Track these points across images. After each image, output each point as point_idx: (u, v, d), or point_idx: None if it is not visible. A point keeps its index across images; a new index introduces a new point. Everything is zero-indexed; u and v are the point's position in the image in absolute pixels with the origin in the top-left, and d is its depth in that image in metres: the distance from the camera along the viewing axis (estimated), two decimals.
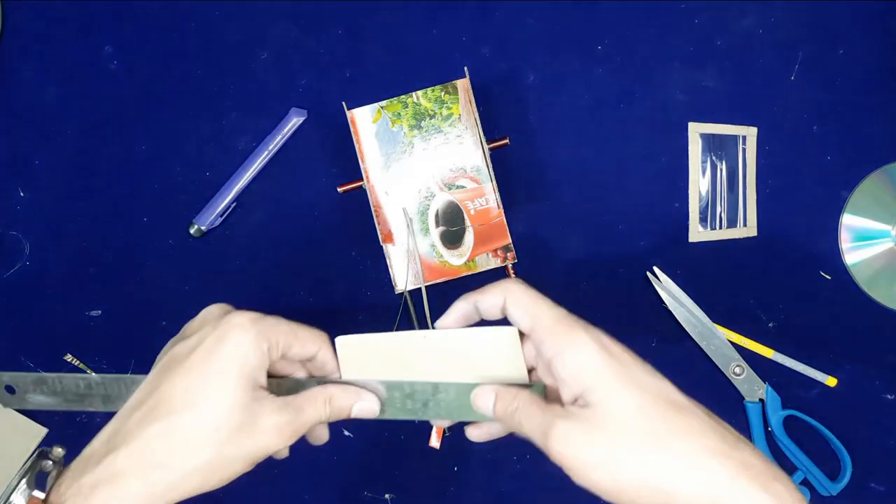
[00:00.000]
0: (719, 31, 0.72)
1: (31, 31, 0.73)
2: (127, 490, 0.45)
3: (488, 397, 0.50)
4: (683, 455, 0.44)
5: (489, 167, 0.68)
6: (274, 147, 0.71)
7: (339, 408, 0.51)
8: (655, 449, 0.44)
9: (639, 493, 0.44)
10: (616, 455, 0.44)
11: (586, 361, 0.45)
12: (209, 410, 0.46)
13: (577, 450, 0.45)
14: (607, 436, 0.44)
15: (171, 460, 0.46)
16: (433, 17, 0.72)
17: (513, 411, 0.49)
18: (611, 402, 0.45)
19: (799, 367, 0.70)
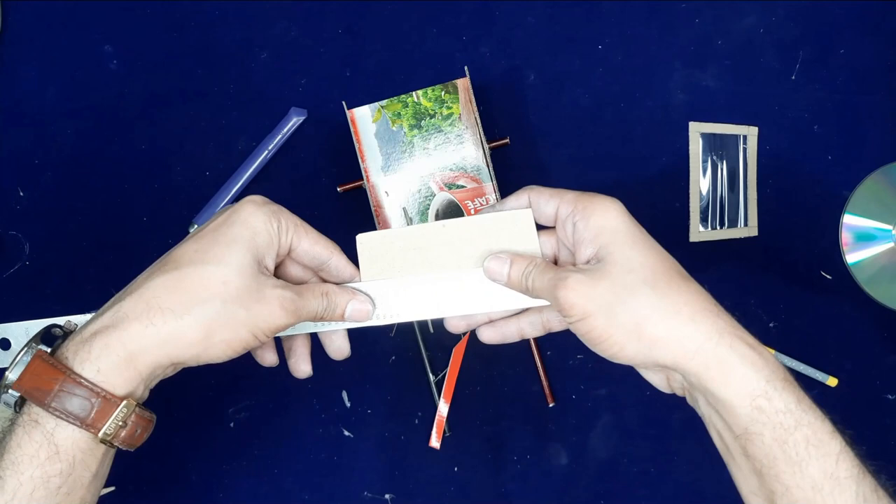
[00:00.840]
0: (720, 30, 0.72)
1: (31, 31, 0.73)
2: (128, 332, 0.44)
3: (503, 263, 0.52)
4: (677, 309, 0.46)
5: (489, 167, 0.68)
6: (274, 147, 0.71)
7: (334, 303, 0.52)
8: (653, 297, 0.46)
9: (628, 339, 0.46)
10: (616, 298, 0.46)
11: (608, 221, 0.49)
12: (217, 265, 0.47)
13: (581, 295, 0.46)
14: (611, 282, 0.47)
15: (175, 305, 0.45)
16: (433, 17, 0.72)
17: (528, 273, 0.50)
18: (622, 254, 0.48)
19: (800, 367, 0.70)
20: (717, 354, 0.45)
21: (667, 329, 0.45)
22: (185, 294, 0.46)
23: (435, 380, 0.71)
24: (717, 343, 0.45)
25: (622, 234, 0.48)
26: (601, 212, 0.49)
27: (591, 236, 0.49)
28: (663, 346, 0.45)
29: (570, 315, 0.47)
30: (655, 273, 0.47)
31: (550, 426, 0.71)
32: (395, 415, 0.72)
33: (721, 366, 0.45)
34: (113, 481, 0.71)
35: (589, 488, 0.71)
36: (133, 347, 0.44)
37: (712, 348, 0.45)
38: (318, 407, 0.72)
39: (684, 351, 0.45)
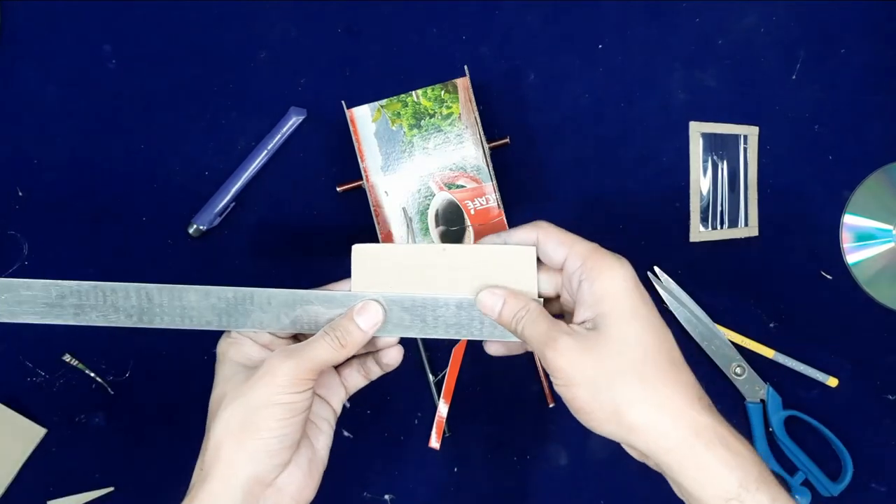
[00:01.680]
0: (720, 30, 0.72)
1: (31, 31, 0.73)
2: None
3: (497, 299, 0.51)
4: (660, 402, 0.45)
5: (489, 167, 0.68)
6: (273, 146, 0.71)
7: (344, 330, 0.51)
8: (638, 387, 0.46)
9: (608, 420, 0.46)
10: (602, 376, 0.46)
11: (613, 287, 0.48)
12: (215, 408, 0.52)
13: (570, 363, 0.47)
14: (601, 357, 0.46)
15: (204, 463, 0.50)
16: (433, 17, 0.72)
17: (520, 318, 0.50)
18: (619, 329, 0.47)
19: (800, 367, 0.70)
20: (693, 453, 0.45)
21: (646, 420, 0.46)
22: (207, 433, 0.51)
23: (435, 380, 0.71)
24: (694, 443, 0.45)
25: (624, 306, 0.48)
26: (608, 276, 0.48)
27: (593, 301, 0.48)
28: (641, 435, 0.46)
29: (554, 377, 0.48)
30: (646, 358, 0.47)
31: (550, 426, 0.71)
32: (395, 415, 0.71)
33: (696, 465, 0.45)
34: (113, 481, 0.71)
35: (589, 488, 0.71)
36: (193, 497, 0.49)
37: (689, 447, 0.45)
38: None
39: (660, 444, 0.45)
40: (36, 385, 0.71)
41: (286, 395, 0.48)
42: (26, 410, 0.70)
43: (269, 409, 0.48)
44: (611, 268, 0.49)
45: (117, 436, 0.71)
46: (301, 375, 0.49)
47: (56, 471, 0.71)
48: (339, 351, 0.51)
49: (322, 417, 0.54)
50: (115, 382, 0.71)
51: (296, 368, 0.48)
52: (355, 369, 0.56)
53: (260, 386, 0.48)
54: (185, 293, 0.52)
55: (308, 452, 0.52)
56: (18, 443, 0.70)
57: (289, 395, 0.48)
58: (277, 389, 0.48)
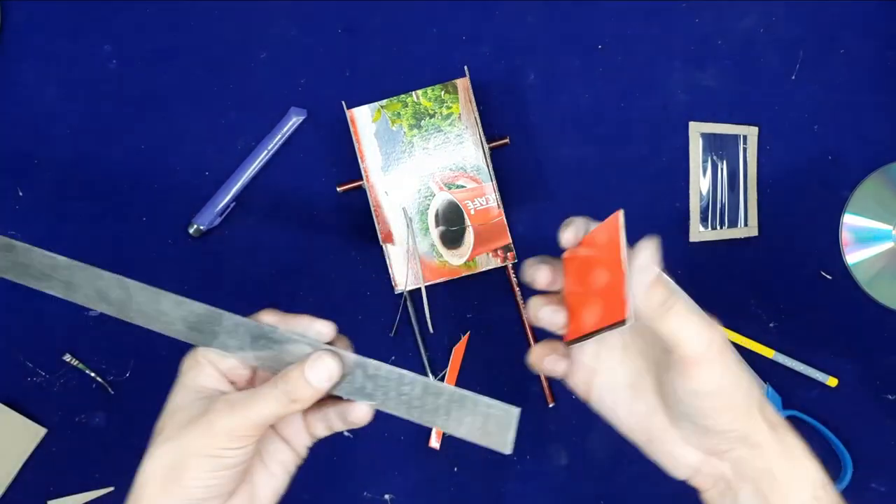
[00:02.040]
0: (720, 30, 0.72)
1: (31, 31, 0.73)
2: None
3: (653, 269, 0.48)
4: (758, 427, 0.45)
5: (489, 167, 0.68)
6: (273, 146, 0.71)
7: (294, 384, 0.46)
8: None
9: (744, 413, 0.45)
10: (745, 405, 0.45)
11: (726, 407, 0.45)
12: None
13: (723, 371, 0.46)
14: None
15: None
16: (433, 17, 0.72)
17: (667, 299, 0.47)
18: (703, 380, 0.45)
19: (800, 367, 0.70)
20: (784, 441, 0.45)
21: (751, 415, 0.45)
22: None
23: (435, 380, 0.71)
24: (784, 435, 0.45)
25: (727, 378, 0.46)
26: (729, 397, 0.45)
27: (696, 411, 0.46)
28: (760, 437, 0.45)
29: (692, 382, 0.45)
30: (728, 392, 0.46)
31: (550, 426, 0.71)
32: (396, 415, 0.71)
33: (788, 453, 0.45)
34: (113, 481, 0.71)
35: (589, 488, 0.71)
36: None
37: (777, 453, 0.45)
38: None
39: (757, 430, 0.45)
40: (36, 385, 0.71)
41: (220, 450, 0.45)
42: (27, 410, 0.70)
43: (198, 460, 0.45)
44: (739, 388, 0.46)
45: (117, 436, 0.71)
46: (241, 432, 0.45)
47: (56, 471, 0.71)
48: (287, 406, 0.45)
49: (278, 461, 0.50)
50: (115, 382, 0.71)
51: (236, 425, 0.44)
52: (319, 418, 0.50)
53: (196, 435, 0.45)
54: (161, 298, 0.51)
55: (247, 497, 0.48)
56: (19, 443, 0.70)
57: (223, 450, 0.45)
58: (212, 442, 0.44)
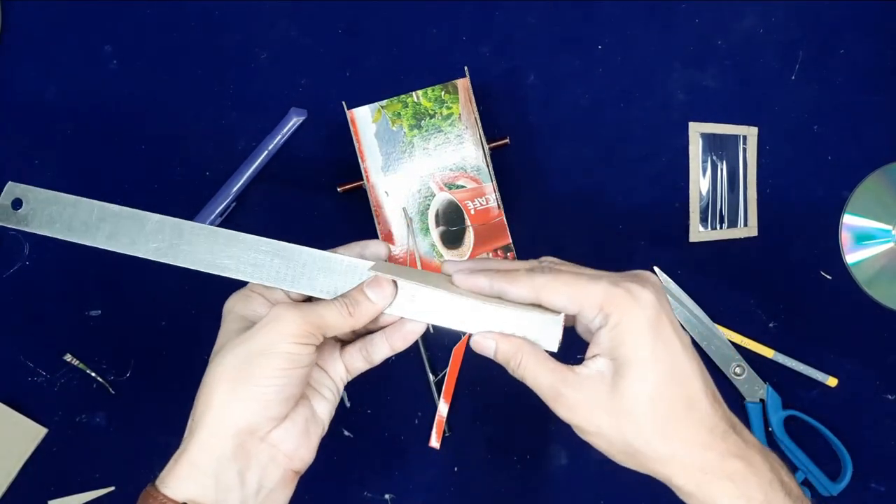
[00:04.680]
0: (719, 31, 0.72)
1: (32, 31, 0.73)
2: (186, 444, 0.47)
3: (488, 343, 0.49)
4: (674, 449, 0.46)
5: (489, 167, 0.68)
6: (274, 147, 0.71)
7: (354, 300, 0.49)
8: (657, 437, 0.46)
9: (627, 461, 0.48)
10: (616, 430, 0.46)
11: (631, 335, 0.46)
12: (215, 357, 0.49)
13: (582, 419, 0.47)
14: (615, 411, 0.46)
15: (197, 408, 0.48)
16: (433, 17, 0.72)
17: (516, 365, 0.49)
18: (633, 379, 0.46)
19: (799, 367, 0.70)
20: (701, 491, 0.46)
21: (662, 464, 0.47)
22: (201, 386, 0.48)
23: (435, 380, 0.71)
24: (700, 481, 0.46)
25: (642, 353, 0.46)
26: (628, 320, 0.46)
27: (610, 346, 0.46)
28: (660, 474, 0.47)
29: (574, 425, 0.48)
30: (661, 407, 0.46)
31: (550, 426, 0.71)
32: (395, 415, 0.71)
33: (707, 501, 0.46)
34: (113, 481, 0.71)
35: (589, 488, 0.71)
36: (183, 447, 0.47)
37: (696, 486, 0.46)
38: None
39: (675, 483, 0.47)
40: (37, 385, 0.71)
41: (289, 345, 0.46)
42: (27, 410, 0.71)
43: (269, 358, 0.46)
44: (630, 310, 0.46)
45: (118, 435, 0.71)
46: (307, 329, 0.47)
47: (57, 470, 0.71)
48: (346, 319, 0.48)
49: (324, 385, 0.52)
50: (115, 382, 0.71)
51: (303, 320, 0.47)
52: (358, 349, 0.52)
53: (263, 332, 0.47)
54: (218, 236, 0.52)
55: (306, 412, 0.50)
56: (19, 442, 0.70)
57: (292, 346, 0.46)
58: (281, 337, 0.46)
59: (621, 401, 0.46)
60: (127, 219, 0.52)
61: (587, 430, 0.47)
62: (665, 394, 0.46)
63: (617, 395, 0.46)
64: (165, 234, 0.51)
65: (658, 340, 0.46)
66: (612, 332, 0.46)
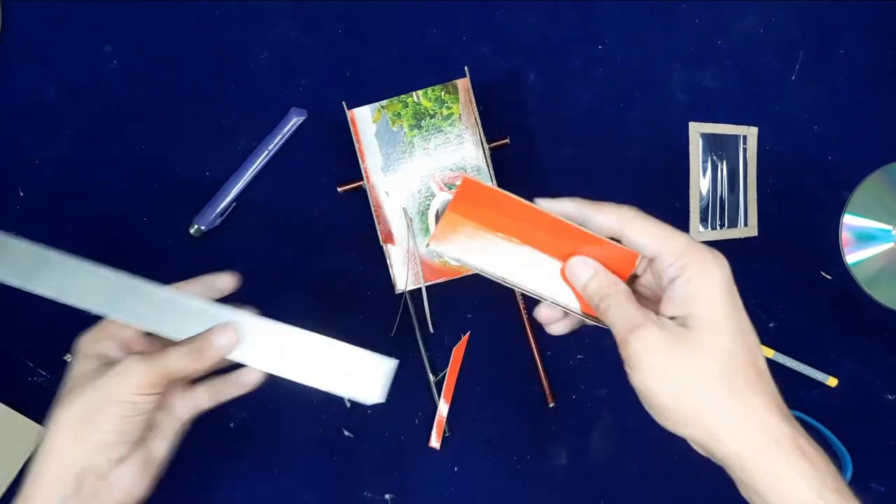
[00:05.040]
0: (719, 31, 0.72)
1: (32, 32, 0.73)
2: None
3: (588, 268, 0.48)
4: (746, 413, 0.44)
5: (489, 167, 0.68)
6: (274, 147, 0.71)
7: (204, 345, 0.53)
8: (725, 397, 0.44)
9: (688, 422, 0.45)
10: (689, 377, 0.44)
11: (708, 289, 0.45)
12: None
13: (656, 354, 0.44)
14: (691, 356, 0.44)
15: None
16: (433, 17, 0.72)
17: (606, 294, 0.47)
18: (710, 333, 0.45)
19: (799, 367, 0.70)
20: (773, 462, 0.44)
21: (730, 428, 0.44)
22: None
23: (435, 380, 0.71)
24: (776, 451, 0.44)
25: (718, 311, 0.45)
26: (706, 276, 0.46)
27: (686, 299, 0.45)
28: (723, 441, 0.44)
29: (633, 366, 0.45)
30: (736, 366, 0.45)
31: (550, 426, 0.71)
32: (395, 415, 0.72)
33: (775, 474, 0.44)
34: None
35: (589, 488, 0.71)
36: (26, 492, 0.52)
37: (769, 456, 0.44)
38: (318, 407, 0.72)
39: (739, 452, 0.44)
40: (37, 385, 0.71)
41: (133, 396, 0.50)
42: (27, 410, 0.71)
43: (113, 406, 0.50)
44: (709, 267, 0.46)
45: None
46: (152, 380, 0.50)
47: None
48: (194, 363, 0.52)
49: (167, 425, 0.55)
50: None
51: (149, 372, 0.50)
52: (204, 389, 0.56)
53: (110, 383, 0.50)
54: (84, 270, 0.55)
55: (144, 453, 0.53)
56: (19, 443, 0.70)
57: (135, 396, 0.50)
58: (126, 388, 0.50)
59: (698, 348, 0.44)
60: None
61: (655, 372, 0.44)
62: (738, 356, 0.45)
63: (694, 342, 0.44)
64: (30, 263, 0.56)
65: (733, 305, 0.46)
66: (689, 284, 0.45)
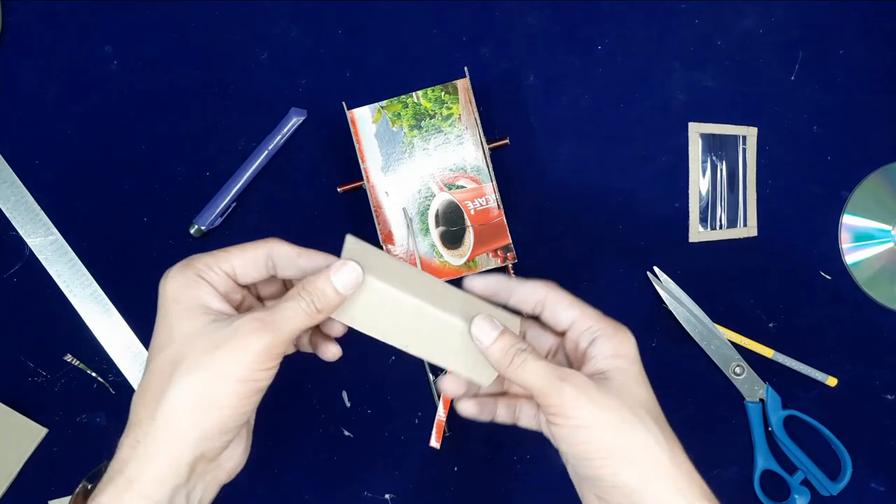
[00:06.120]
0: (719, 31, 0.72)
1: (32, 32, 0.73)
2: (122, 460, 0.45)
3: (492, 329, 0.47)
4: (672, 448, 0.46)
5: (489, 167, 0.68)
6: (274, 147, 0.71)
7: (320, 293, 0.45)
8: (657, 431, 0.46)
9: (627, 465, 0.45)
10: (624, 417, 0.45)
11: (627, 350, 0.48)
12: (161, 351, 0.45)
13: (590, 399, 0.45)
14: (622, 401, 0.45)
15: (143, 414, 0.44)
16: (433, 17, 0.73)
17: (521, 350, 0.47)
18: (629, 382, 0.47)
19: (799, 367, 0.70)
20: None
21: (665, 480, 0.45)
22: (149, 395, 0.44)
23: (435, 380, 0.71)
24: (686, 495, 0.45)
25: (634, 367, 0.48)
26: (624, 339, 0.49)
27: (611, 354, 0.48)
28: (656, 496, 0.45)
29: (567, 417, 0.45)
30: (652, 410, 0.47)
31: None
32: (395, 415, 0.72)
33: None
34: None
35: None
36: (132, 475, 0.44)
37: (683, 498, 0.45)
38: (318, 407, 0.72)
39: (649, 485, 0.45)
40: (37, 385, 0.71)
41: (255, 372, 0.43)
42: (27, 410, 0.71)
43: (234, 384, 0.43)
44: (624, 333, 0.49)
45: (118, 436, 0.71)
46: (275, 350, 0.44)
47: (57, 471, 0.71)
48: (313, 316, 0.45)
49: None
50: (116, 382, 0.71)
51: (270, 343, 0.44)
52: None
53: (228, 360, 0.43)
54: None
55: (246, 427, 0.48)
56: (19, 442, 0.70)
57: (258, 372, 0.44)
58: (248, 366, 0.43)
59: (627, 395, 0.46)
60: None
61: (593, 420, 0.45)
62: (652, 404, 0.47)
63: (621, 390, 0.46)
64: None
65: (642, 370, 0.49)
66: (610, 343, 0.48)
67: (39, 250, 0.71)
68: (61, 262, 0.71)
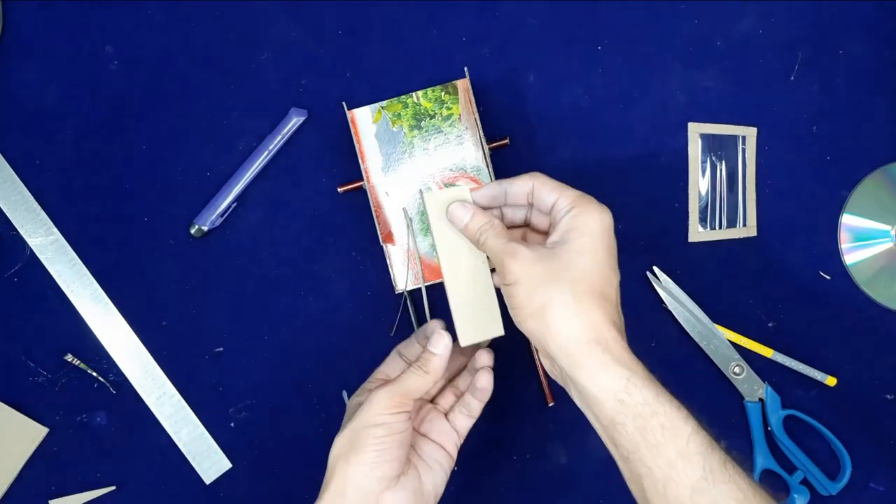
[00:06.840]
0: (719, 31, 0.72)
1: (32, 32, 0.73)
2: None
3: (466, 212, 0.60)
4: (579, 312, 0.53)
5: (489, 167, 0.68)
6: (274, 147, 0.71)
7: (423, 360, 0.60)
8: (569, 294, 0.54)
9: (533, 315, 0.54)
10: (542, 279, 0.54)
11: (587, 225, 0.56)
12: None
13: (521, 267, 0.55)
14: (550, 268, 0.55)
15: None
16: (433, 17, 0.73)
17: (485, 230, 0.59)
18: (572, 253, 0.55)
19: (799, 366, 0.71)
20: (591, 353, 0.53)
21: (562, 322, 0.53)
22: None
23: None
24: (594, 346, 0.53)
25: (587, 241, 0.55)
26: (588, 215, 0.56)
27: (566, 228, 0.56)
28: (554, 334, 0.53)
29: (504, 279, 0.56)
30: (584, 281, 0.54)
31: (550, 426, 0.72)
32: None
33: (593, 363, 0.53)
34: (114, 480, 0.71)
35: (589, 488, 0.71)
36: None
37: (589, 348, 0.53)
38: (318, 407, 0.72)
39: (567, 345, 0.53)
40: (38, 384, 0.71)
41: (382, 417, 0.57)
42: (28, 410, 0.71)
43: (368, 429, 0.56)
44: (593, 211, 0.57)
45: (119, 435, 0.71)
46: (395, 400, 0.57)
47: (58, 470, 0.71)
48: (424, 377, 0.59)
49: (434, 459, 0.61)
50: (116, 382, 0.71)
51: (389, 395, 0.57)
52: (458, 411, 0.63)
53: (364, 412, 0.57)
54: None
55: (415, 483, 0.59)
56: (20, 442, 0.70)
57: (384, 417, 0.57)
58: (375, 412, 0.57)
59: (558, 261, 0.55)
60: None
61: (518, 278, 0.55)
62: (591, 276, 0.54)
63: (555, 257, 0.55)
64: None
65: (601, 243, 0.56)
66: (573, 219, 0.56)
67: (40, 250, 0.71)
68: (62, 261, 0.71)
